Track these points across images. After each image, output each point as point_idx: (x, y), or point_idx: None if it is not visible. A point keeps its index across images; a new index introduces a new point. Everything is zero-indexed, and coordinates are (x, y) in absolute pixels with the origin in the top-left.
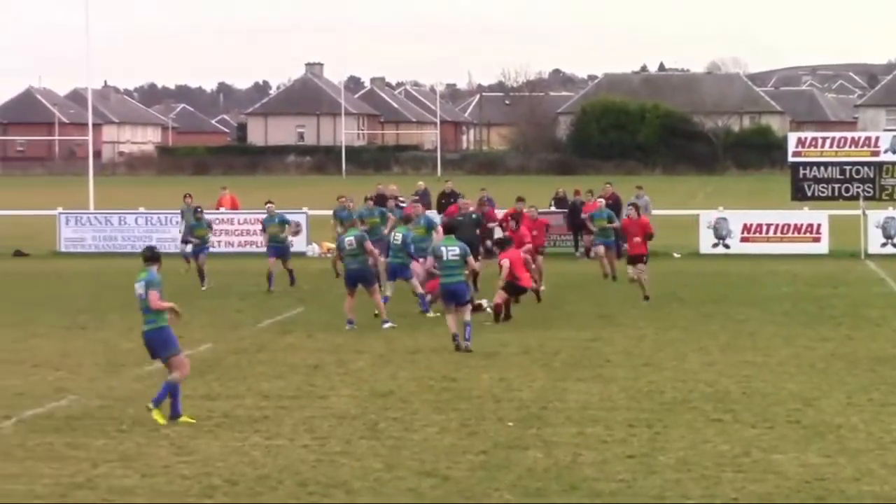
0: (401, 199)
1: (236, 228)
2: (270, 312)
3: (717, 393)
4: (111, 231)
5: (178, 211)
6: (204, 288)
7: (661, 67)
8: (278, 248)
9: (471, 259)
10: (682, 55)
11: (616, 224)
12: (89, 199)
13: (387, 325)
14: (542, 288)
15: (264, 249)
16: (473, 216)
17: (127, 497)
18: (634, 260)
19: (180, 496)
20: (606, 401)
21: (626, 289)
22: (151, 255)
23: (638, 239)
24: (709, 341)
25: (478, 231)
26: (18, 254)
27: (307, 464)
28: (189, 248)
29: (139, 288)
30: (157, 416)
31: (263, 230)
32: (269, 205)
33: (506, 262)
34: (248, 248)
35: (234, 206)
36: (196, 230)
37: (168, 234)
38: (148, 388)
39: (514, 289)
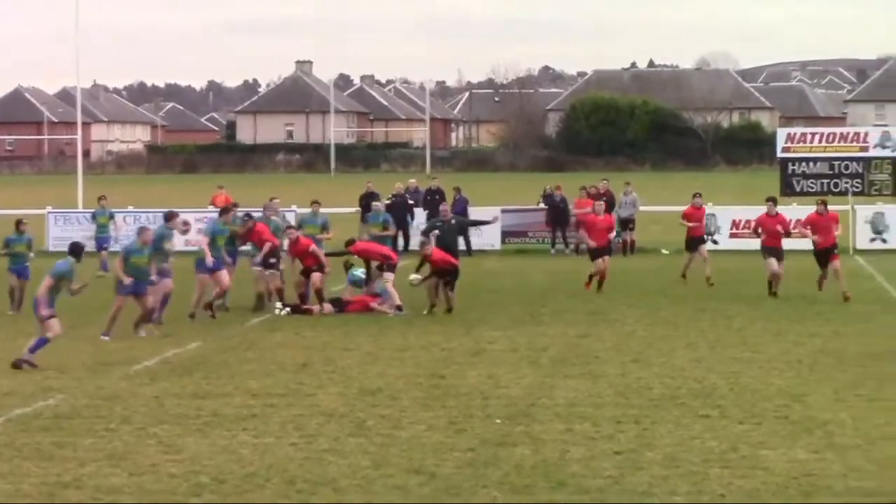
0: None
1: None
2: (259, 311)
3: (705, 389)
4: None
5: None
6: None
7: (651, 64)
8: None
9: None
10: (671, 51)
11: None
12: (78, 197)
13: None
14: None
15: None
16: (453, 221)
17: (114, 496)
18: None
19: (168, 495)
20: (594, 397)
21: (617, 285)
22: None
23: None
24: (697, 337)
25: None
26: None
27: (295, 462)
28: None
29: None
30: None
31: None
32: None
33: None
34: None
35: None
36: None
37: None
38: (136, 387)
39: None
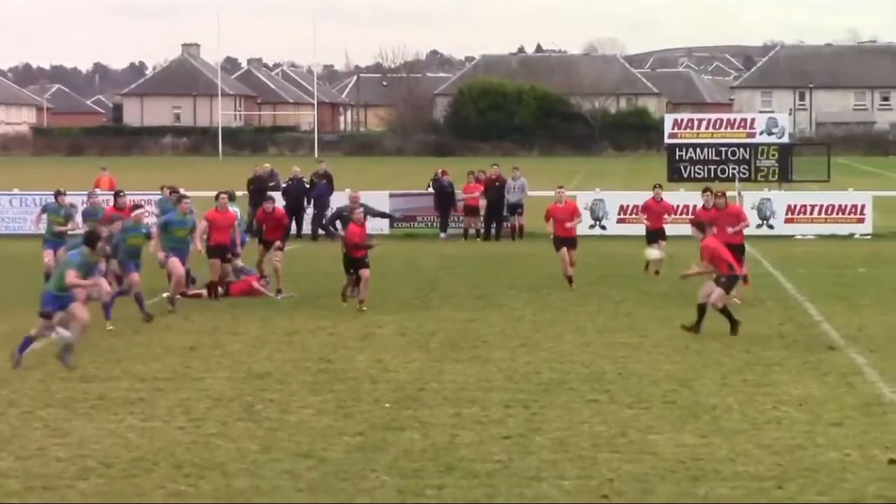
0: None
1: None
2: (148, 294)
3: (593, 374)
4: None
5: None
6: None
7: (539, 49)
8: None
9: None
10: (559, 36)
11: None
12: None
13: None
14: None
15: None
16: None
17: (1, 480)
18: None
19: (55, 478)
20: (483, 381)
21: (502, 270)
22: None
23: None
24: (585, 322)
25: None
26: None
27: (183, 446)
28: None
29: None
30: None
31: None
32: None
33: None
34: None
35: (111, 187)
36: None
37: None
38: (23, 370)
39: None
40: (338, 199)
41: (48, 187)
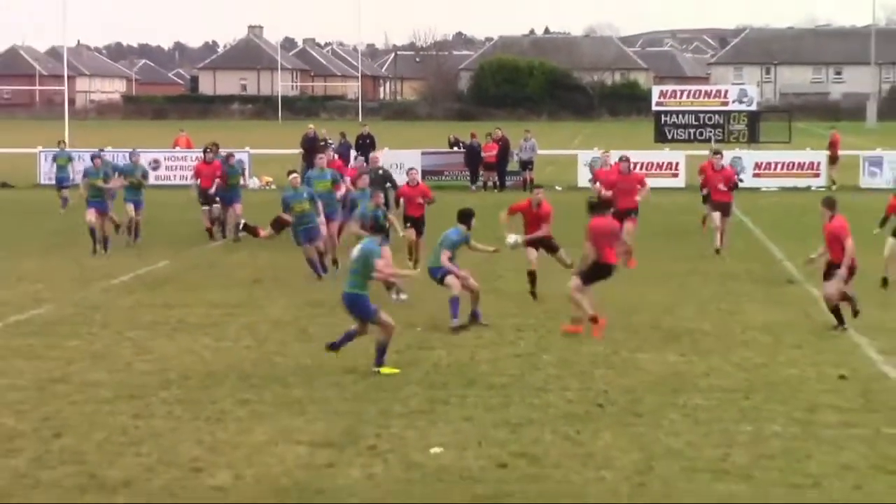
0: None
1: (190, 165)
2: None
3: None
4: (83, 166)
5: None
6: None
7: (547, 31)
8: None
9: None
10: (564, 20)
11: None
12: (65, 139)
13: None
14: None
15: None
16: (381, 171)
17: (96, 389)
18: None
19: (140, 388)
20: (499, 309)
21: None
22: (374, 226)
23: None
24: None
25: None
26: (4, 185)
27: (249, 361)
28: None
29: (354, 251)
30: (388, 370)
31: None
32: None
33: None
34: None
35: (188, 146)
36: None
37: None
38: (114, 298)
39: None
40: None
41: (135, 145)
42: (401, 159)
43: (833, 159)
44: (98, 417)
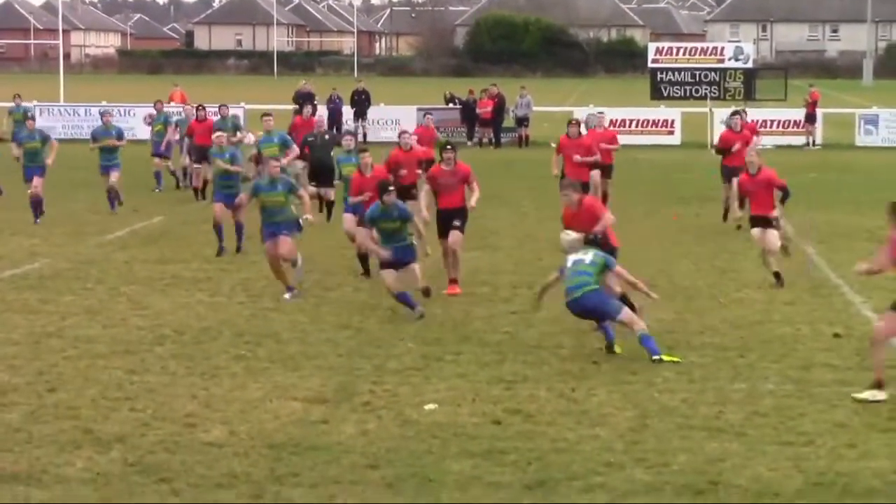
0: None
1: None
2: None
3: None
4: (78, 121)
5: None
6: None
7: None
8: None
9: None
10: None
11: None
12: (60, 93)
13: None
14: None
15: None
16: (327, 136)
17: (90, 344)
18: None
19: (136, 343)
20: (494, 266)
21: (510, 173)
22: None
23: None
24: None
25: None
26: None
27: (243, 317)
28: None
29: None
30: (670, 357)
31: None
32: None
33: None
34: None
35: (183, 101)
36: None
37: (126, 125)
38: (109, 253)
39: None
40: (374, 112)
41: (131, 100)
42: (397, 115)
43: (811, 117)
44: (92, 372)
